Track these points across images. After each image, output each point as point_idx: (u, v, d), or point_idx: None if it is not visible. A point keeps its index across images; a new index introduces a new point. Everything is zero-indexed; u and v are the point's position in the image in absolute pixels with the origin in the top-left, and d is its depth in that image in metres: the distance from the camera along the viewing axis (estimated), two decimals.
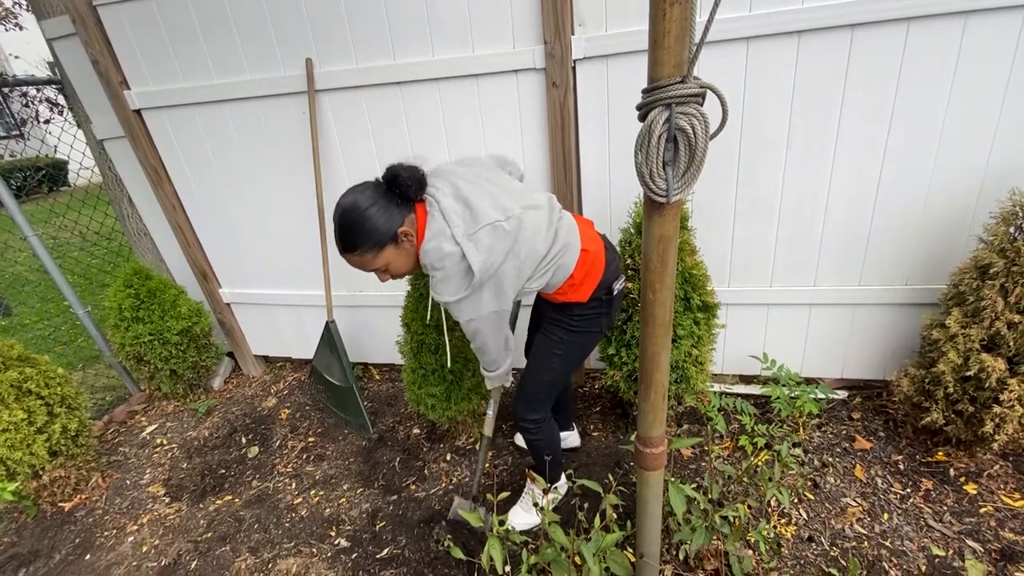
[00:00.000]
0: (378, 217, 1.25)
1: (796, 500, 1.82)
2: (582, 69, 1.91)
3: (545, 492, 1.32)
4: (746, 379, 2.41)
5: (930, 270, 1.94)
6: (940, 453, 1.91)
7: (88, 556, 2.04)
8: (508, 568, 1.20)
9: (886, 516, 1.74)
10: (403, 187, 1.26)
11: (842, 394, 2.26)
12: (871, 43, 1.67)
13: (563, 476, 1.91)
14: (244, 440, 2.58)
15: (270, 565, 1.87)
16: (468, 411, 2.18)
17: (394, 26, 2.00)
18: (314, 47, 2.12)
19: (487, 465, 2.21)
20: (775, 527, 1.74)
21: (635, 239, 1.94)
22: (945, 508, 1.74)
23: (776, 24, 1.69)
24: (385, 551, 1.87)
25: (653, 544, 1.34)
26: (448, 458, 2.27)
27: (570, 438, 2.17)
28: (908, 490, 1.82)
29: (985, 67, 1.63)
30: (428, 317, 1.93)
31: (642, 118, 0.82)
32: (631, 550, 1.66)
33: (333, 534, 1.97)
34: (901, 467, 1.91)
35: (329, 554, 1.89)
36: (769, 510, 1.79)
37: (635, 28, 1.80)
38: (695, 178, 0.84)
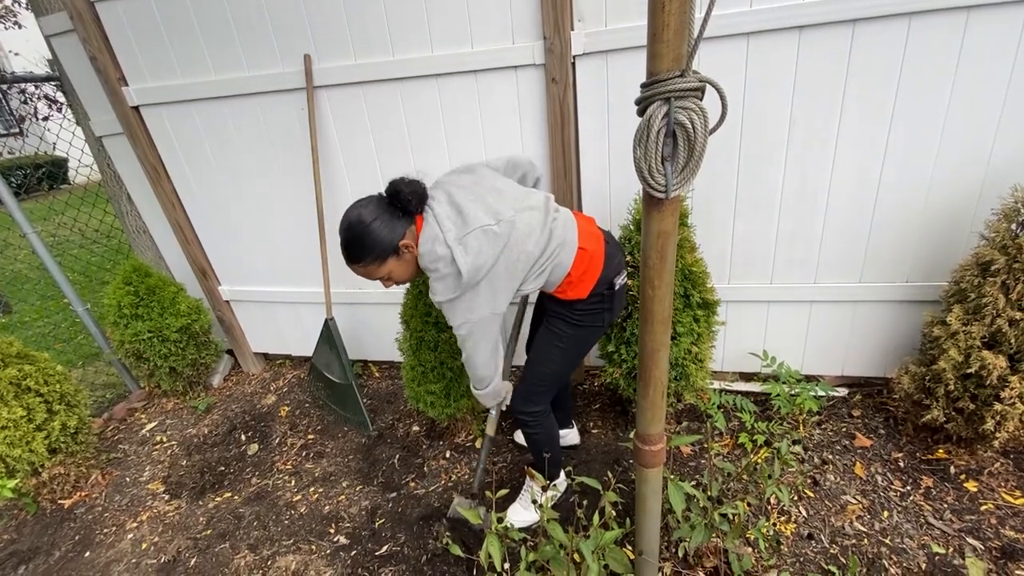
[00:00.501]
0: (381, 230, 1.31)
1: (796, 497, 1.82)
2: (582, 65, 1.90)
3: (544, 489, 1.31)
4: (746, 376, 2.41)
5: (931, 267, 1.93)
6: (940, 451, 1.91)
7: (88, 553, 2.04)
8: (507, 565, 1.20)
9: (886, 514, 1.73)
10: (404, 202, 1.32)
11: (842, 391, 2.26)
12: (872, 39, 1.66)
13: (562, 473, 1.91)
14: (243, 437, 2.59)
15: (269, 562, 1.87)
16: (467, 408, 2.18)
17: (393, 22, 1.99)
18: (312, 43, 2.11)
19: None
20: (775, 524, 1.73)
21: (635, 236, 1.94)
22: (945, 506, 1.73)
23: (777, 19, 1.68)
24: (384, 548, 1.87)
25: (652, 541, 1.34)
26: (447, 455, 2.27)
27: (569, 436, 2.16)
28: (908, 488, 1.81)
29: (987, 63, 1.62)
30: None
31: (641, 113, 0.82)
32: (630, 547, 1.66)
33: (332, 531, 1.97)
34: (901, 464, 1.91)
35: (328, 551, 1.89)
36: (769, 507, 1.79)
37: (635, 24, 1.79)
38: (694, 173, 0.83)
